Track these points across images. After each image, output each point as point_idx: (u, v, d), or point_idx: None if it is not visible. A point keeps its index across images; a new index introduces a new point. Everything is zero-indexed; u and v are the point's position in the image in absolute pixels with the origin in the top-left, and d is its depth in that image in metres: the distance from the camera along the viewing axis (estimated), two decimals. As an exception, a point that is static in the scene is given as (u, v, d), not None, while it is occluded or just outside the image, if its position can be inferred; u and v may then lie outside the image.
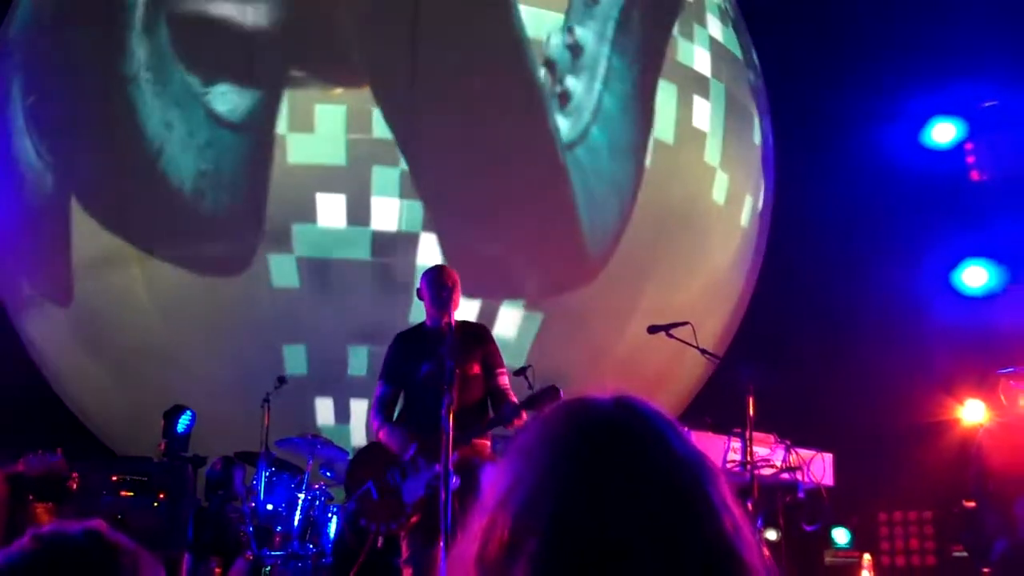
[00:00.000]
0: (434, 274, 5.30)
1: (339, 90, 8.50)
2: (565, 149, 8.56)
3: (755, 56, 10.38)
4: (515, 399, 5.14)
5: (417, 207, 8.39)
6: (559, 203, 8.63)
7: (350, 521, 6.11)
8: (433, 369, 5.05)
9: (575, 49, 8.68)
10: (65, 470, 6.21)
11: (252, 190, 8.38)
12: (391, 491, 4.99)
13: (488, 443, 5.04)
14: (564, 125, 8.57)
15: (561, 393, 5.01)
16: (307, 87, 8.42)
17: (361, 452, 5.54)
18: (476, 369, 5.15)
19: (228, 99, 8.31)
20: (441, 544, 4.34)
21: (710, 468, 1.12)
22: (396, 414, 5.25)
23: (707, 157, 9.37)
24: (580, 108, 8.63)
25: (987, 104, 9.71)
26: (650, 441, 1.11)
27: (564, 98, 8.60)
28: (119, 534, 1.38)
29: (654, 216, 8.96)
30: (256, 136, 8.37)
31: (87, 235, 8.67)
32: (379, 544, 5.32)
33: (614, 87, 8.75)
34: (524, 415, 4.86)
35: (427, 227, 8.41)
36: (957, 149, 10.09)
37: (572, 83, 8.63)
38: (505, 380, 5.24)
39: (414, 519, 4.88)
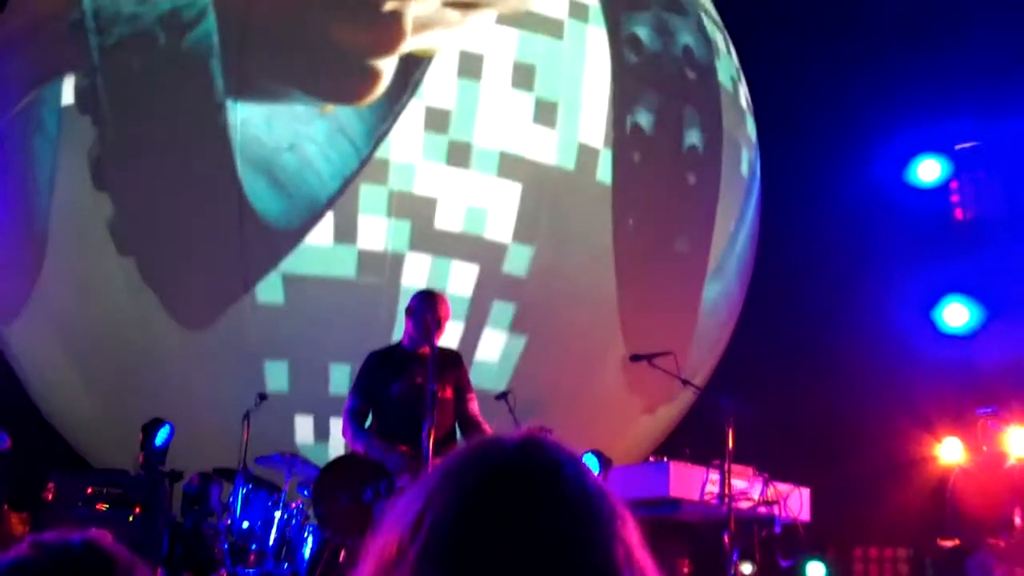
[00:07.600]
0: (429, 301, 5.24)
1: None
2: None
3: (744, 88, 10.45)
4: (487, 426, 5.14)
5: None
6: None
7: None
8: (406, 390, 5.05)
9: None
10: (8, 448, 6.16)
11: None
12: (362, 506, 4.95)
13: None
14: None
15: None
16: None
17: (334, 463, 5.43)
18: (449, 393, 5.15)
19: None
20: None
21: (612, 509, 1.14)
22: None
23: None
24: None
25: (961, 146, 9.76)
26: (549, 484, 1.12)
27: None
28: (119, 546, 1.40)
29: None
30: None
31: (68, 254, 8.68)
32: (341, 558, 5.29)
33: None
34: None
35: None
36: (942, 187, 10.13)
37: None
38: (475, 406, 5.24)
39: None
